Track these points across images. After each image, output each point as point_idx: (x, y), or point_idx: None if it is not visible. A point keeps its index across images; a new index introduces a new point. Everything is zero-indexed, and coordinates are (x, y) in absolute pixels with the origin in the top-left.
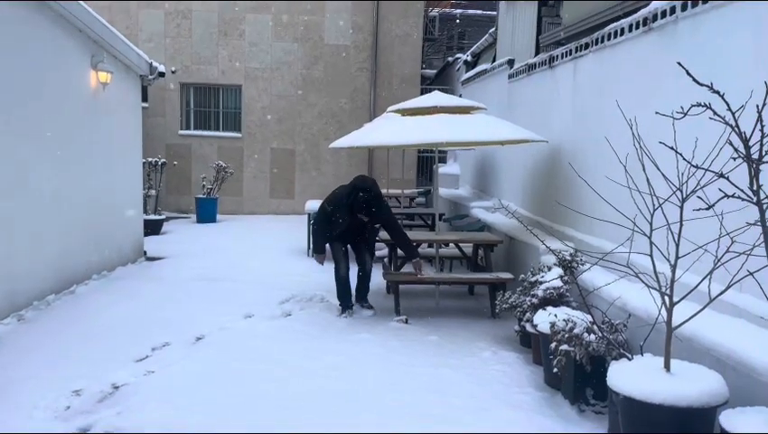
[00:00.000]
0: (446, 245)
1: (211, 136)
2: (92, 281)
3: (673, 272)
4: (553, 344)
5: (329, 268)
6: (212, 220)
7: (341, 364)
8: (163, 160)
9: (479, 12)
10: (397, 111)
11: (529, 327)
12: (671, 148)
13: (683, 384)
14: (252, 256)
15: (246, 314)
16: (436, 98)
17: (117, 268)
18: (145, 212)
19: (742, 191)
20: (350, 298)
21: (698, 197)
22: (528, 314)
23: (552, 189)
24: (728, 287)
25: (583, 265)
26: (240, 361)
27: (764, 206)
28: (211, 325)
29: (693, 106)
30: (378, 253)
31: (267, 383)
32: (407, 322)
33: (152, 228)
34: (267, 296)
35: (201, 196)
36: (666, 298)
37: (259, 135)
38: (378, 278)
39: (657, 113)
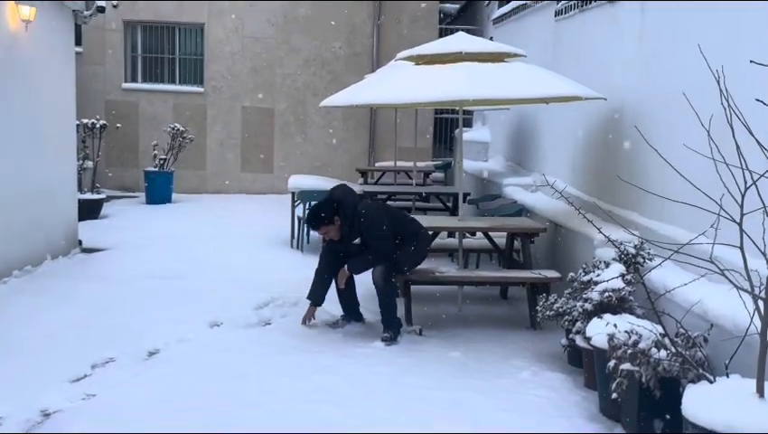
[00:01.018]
0: (472, 234)
1: (165, 91)
2: (12, 279)
3: None
4: (612, 363)
5: None
6: (166, 200)
7: (334, 386)
8: (102, 122)
9: None
10: (408, 59)
11: (580, 341)
12: None
13: None
14: (219, 247)
15: (212, 322)
16: (460, 41)
17: (45, 263)
18: (80, 189)
19: None
20: (319, 292)
21: None
22: (579, 323)
23: (611, 161)
24: None
25: (651, 260)
26: (204, 381)
27: None
28: (168, 337)
29: None
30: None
31: (239, 410)
32: (420, 333)
33: (88, 210)
34: (240, 299)
35: (152, 170)
36: (760, 303)
37: (227, 89)
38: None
39: (752, 62)
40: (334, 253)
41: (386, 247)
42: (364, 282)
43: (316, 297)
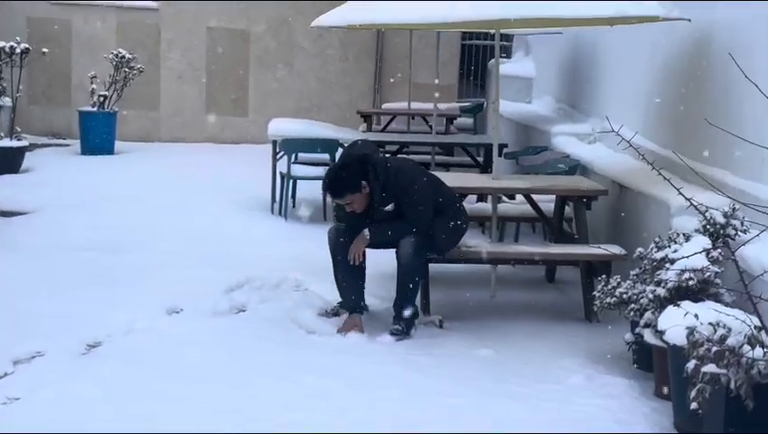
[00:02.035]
0: (510, 198)
1: (106, 6)
2: None
3: None
4: (691, 364)
5: (312, 235)
6: (107, 150)
7: (330, 391)
8: (23, 46)
9: None
10: None
11: (649, 336)
12: None
13: None
14: (178, 213)
15: (170, 308)
16: None
17: None
18: None
19: None
20: (358, 294)
21: None
22: (648, 314)
23: (695, 103)
24: None
25: (745, 232)
26: (160, 382)
27: None
28: (111, 326)
29: None
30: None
31: (204, 419)
32: (441, 325)
33: (5, 162)
34: (206, 279)
35: (89, 110)
36: None
37: (188, 4)
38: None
39: None
40: (352, 233)
41: (427, 215)
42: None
43: (350, 302)
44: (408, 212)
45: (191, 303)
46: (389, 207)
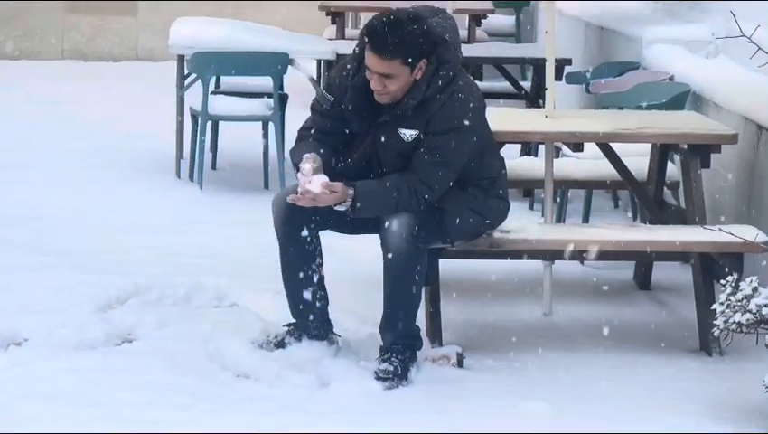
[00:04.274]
0: (576, 149)
1: None
2: None
3: None
4: None
5: (245, 213)
6: None
7: None
8: None
9: None
10: None
11: None
12: None
13: None
14: (26, 181)
15: (6, 337)
16: None
17: None
18: None
19: None
20: (318, 310)
21: None
22: None
23: None
24: None
25: None
26: None
27: None
28: None
29: None
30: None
31: None
32: (460, 363)
33: None
34: (70, 288)
35: None
36: None
37: None
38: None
39: None
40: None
41: (447, 179)
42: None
43: (308, 321)
44: (425, 168)
45: (41, 328)
46: (410, 134)
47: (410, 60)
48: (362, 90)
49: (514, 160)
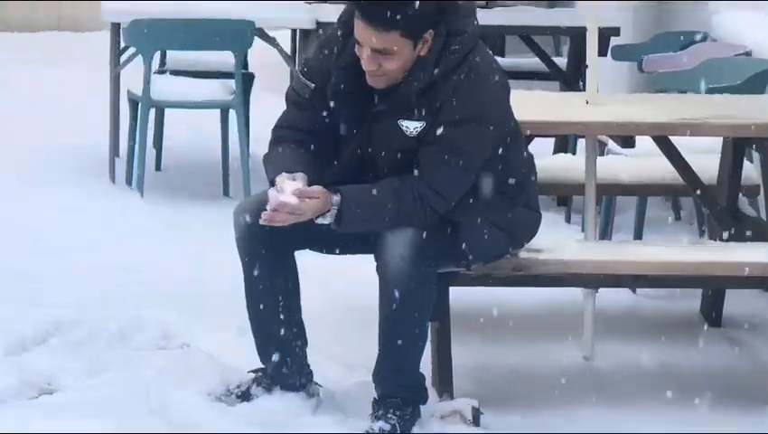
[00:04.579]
0: (625, 144)
1: None
2: None
3: None
4: None
5: (198, 228)
6: None
7: None
8: None
9: None
10: None
11: None
12: None
13: None
14: None
15: None
16: None
17: None
18: None
19: None
20: (295, 352)
21: None
22: None
23: None
24: None
25: None
26: None
27: None
28: None
29: None
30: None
31: None
32: (476, 420)
33: None
34: None
35: None
36: None
37: None
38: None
39: None
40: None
41: (463, 183)
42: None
43: (277, 364)
44: (434, 164)
45: None
46: (414, 126)
47: (413, 31)
48: (351, 72)
49: (546, 159)
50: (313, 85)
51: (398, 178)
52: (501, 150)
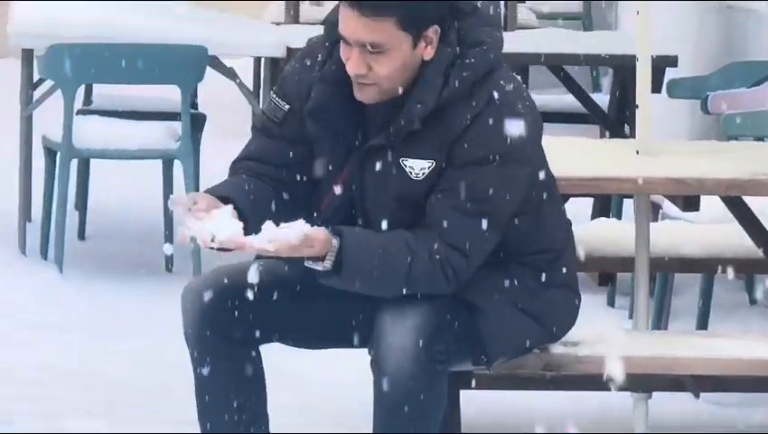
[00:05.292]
0: (687, 206)
1: None
2: None
3: None
4: None
5: (135, 315)
6: None
7: None
8: None
9: None
10: None
11: None
12: None
13: None
14: None
15: None
16: None
17: None
18: None
19: None
20: None
21: None
22: None
23: None
24: None
25: None
26: None
27: None
28: None
29: None
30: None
31: None
32: None
33: None
34: None
35: None
36: None
37: None
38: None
39: None
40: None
41: (486, 240)
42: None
43: None
44: (450, 215)
45: None
46: (421, 167)
47: (412, 19)
48: (337, 88)
49: (584, 225)
50: (287, 107)
51: (409, 233)
52: (531, 206)
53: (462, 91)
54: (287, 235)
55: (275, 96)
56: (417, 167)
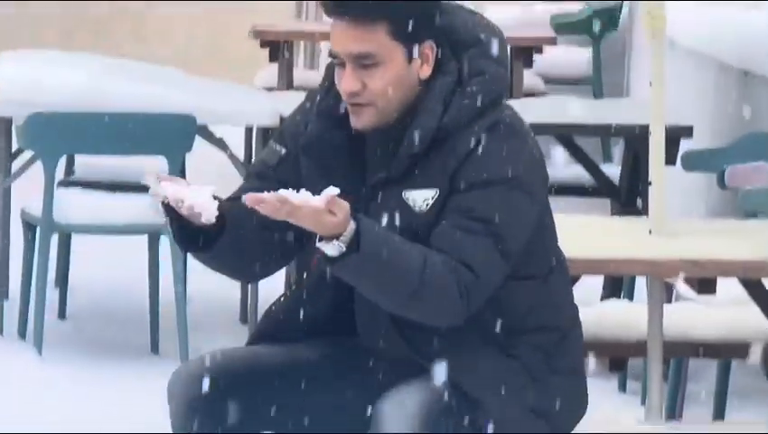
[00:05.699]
0: (703, 288)
1: None
2: None
3: None
4: None
5: (118, 402)
6: None
7: None
8: None
9: None
10: None
11: None
12: None
13: None
14: None
15: None
16: None
17: None
18: None
19: None
20: None
21: None
22: None
23: None
24: None
25: None
26: None
27: None
28: None
29: None
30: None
31: None
32: None
33: None
34: None
35: None
36: None
37: None
38: None
39: None
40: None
41: (496, 263)
42: None
43: None
44: (457, 238)
45: None
46: (424, 198)
47: (404, 29)
48: (332, 120)
49: (594, 306)
50: (284, 151)
51: (426, 248)
52: (541, 270)
53: (463, 118)
54: (311, 197)
55: (273, 141)
56: (420, 199)
